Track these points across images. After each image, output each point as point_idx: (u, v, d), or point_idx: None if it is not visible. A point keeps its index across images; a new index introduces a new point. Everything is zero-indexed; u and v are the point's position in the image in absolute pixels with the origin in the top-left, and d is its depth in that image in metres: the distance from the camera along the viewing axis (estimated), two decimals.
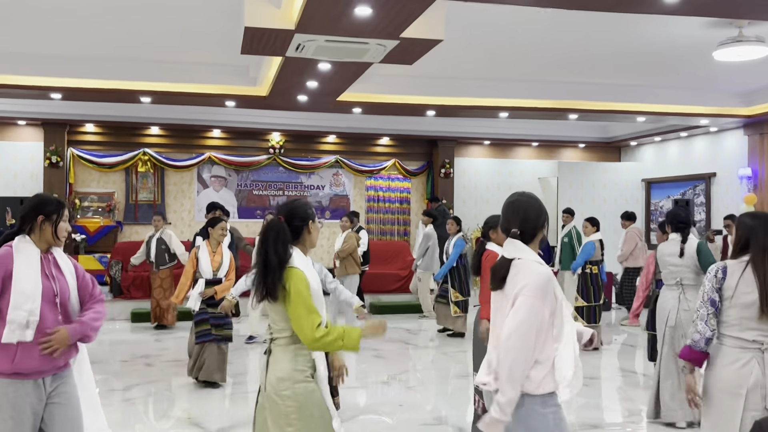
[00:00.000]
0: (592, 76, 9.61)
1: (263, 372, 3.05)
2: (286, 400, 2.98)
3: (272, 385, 2.99)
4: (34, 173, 12.36)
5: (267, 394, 3.01)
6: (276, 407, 2.99)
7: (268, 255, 2.99)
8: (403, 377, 7.39)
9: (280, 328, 3.03)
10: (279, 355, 3.03)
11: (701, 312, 3.31)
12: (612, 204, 14.00)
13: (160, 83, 9.05)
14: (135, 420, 5.68)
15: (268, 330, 3.10)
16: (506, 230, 2.85)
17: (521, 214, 2.84)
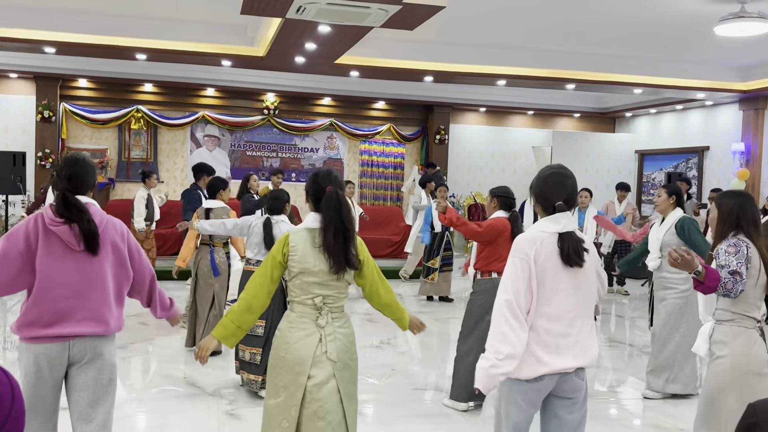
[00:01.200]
0: (592, 47, 9.58)
1: (323, 342, 3.05)
2: (356, 361, 3.20)
3: (347, 351, 3.12)
4: (25, 128, 12.23)
5: (339, 363, 3.07)
6: (349, 372, 3.13)
7: (345, 226, 3.06)
8: (393, 341, 7.49)
9: (342, 296, 3.15)
10: (343, 321, 3.16)
11: (740, 286, 3.20)
12: (605, 174, 14.09)
13: (156, 40, 8.93)
14: (132, 378, 5.75)
15: (313, 299, 3.07)
16: (548, 202, 2.86)
17: (569, 188, 2.87)
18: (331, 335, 3.05)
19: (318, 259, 3.04)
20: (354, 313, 8.79)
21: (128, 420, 4.83)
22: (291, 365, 3.02)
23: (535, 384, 2.77)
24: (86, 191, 3.11)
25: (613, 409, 5.49)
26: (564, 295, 2.78)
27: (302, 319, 3.06)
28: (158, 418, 4.91)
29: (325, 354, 3.02)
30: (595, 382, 6.11)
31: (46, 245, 2.93)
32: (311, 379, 3.01)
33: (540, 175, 2.94)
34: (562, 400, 2.84)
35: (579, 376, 2.84)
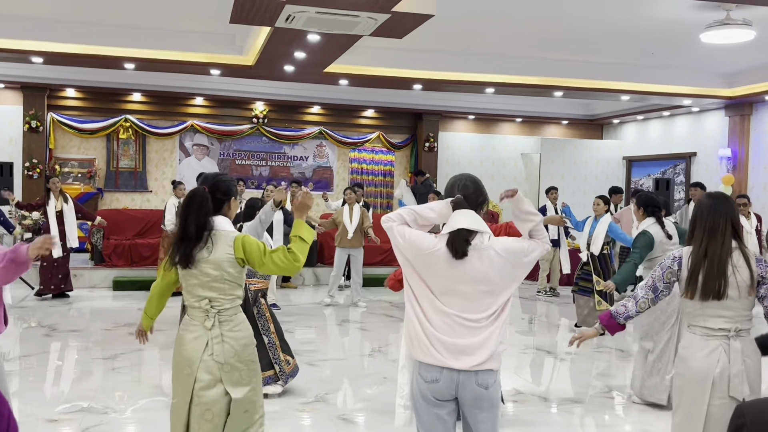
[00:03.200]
0: (579, 54, 9.66)
1: (209, 345, 3.08)
2: (250, 365, 3.18)
3: (236, 354, 3.11)
4: (13, 138, 12.16)
5: (227, 365, 3.09)
6: (239, 375, 3.12)
7: (187, 223, 3.08)
8: (385, 349, 7.48)
9: (233, 296, 3.15)
10: (233, 324, 3.15)
11: (639, 293, 3.27)
12: (593, 181, 14.16)
13: (145, 50, 8.92)
14: (121, 389, 5.71)
15: (199, 302, 3.12)
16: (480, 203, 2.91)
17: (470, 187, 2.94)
18: (218, 338, 3.09)
19: (202, 261, 3.10)
20: (346, 321, 8.78)
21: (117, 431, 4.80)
22: (182, 366, 3.13)
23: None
24: None
25: (606, 416, 5.50)
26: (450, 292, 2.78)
27: (192, 322, 3.15)
28: (148, 429, 4.87)
29: (212, 356, 3.07)
30: (588, 389, 6.13)
31: None
32: (198, 382, 3.08)
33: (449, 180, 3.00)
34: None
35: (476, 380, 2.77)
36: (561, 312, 9.73)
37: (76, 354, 6.89)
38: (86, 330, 7.79)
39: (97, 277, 10.49)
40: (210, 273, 3.08)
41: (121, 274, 10.51)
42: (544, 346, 7.74)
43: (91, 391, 5.63)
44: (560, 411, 5.52)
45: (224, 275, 3.09)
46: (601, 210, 8.05)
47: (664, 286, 3.23)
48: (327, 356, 7.09)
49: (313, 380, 5.99)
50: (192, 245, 3.06)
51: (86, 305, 9.32)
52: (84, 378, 6.11)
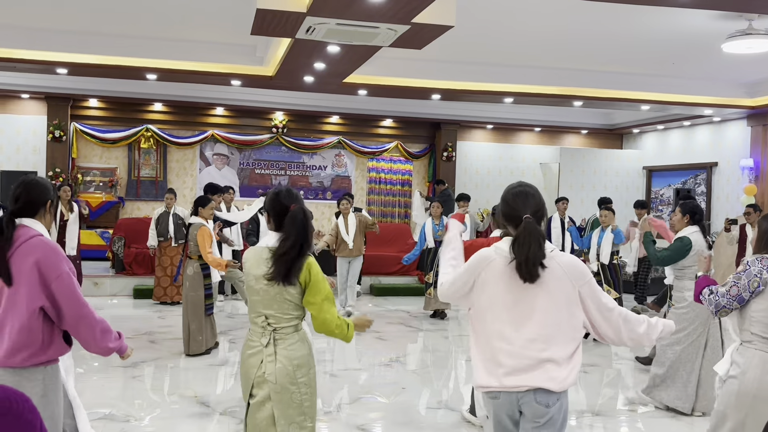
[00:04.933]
0: (599, 64, 9.63)
1: (263, 362, 3.06)
2: (302, 387, 3.08)
3: (288, 374, 3.04)
4: (36, 147, 12.34)
5: (278, 385, 3.04)
6: (289, 396, 3.06)
7: (297, 242, 3.02)
8: (403, 359, 7.47)
9: (291, 316, 3.09)
10: (289, 343, 3.08)
11: (722, 301, 3.30)
12: (613, 191, 14.07)
13: (166, 60, 9.03)
14: (141, 397, 5.76)
15: (258, 318, 3.12)
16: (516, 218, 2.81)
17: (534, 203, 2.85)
18: (271, 356, 3.06)
19: (260, 278, 3.06)
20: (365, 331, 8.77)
21: None
22: (242, 381, 3.19)
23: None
24: (35, 212, 3.00)
25: (625, 428, 5.45)
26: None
27: (251, 337, 3.16)
28: None
29: (264, 375, 3.07)
30: (607, 400, 6.08)
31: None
32: (253, 398, 3.11)
33: (505, 191, 2.91)
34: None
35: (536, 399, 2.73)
36: None
37: (96, 362, 6.96)
38: None
39: (117, 286, 10.59)
40: (269, 291, 3.05)
41: (141, 283, 10.60)
42: None
43: (112, 399, 5.68)
44: (579, 424, 5.48)
45: (285, 294, 3.05)
46: (608, 221, 8.21)
47: (749, 295, 3.26)
48: (345, 366, 7.10)
49: (331, 390, 6.00)
50: (294, 263, 3.04)
51: (107, 313, 9.41)
52: (105, 386, 6.16)
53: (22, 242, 2.86)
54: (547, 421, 2.68)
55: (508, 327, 2.69)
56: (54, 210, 3.12)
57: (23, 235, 2.90)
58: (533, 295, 2.69)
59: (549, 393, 2.67)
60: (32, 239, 2.88)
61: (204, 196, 7.35)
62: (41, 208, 3.02)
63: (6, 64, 9.06)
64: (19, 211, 2.96)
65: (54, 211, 3.12)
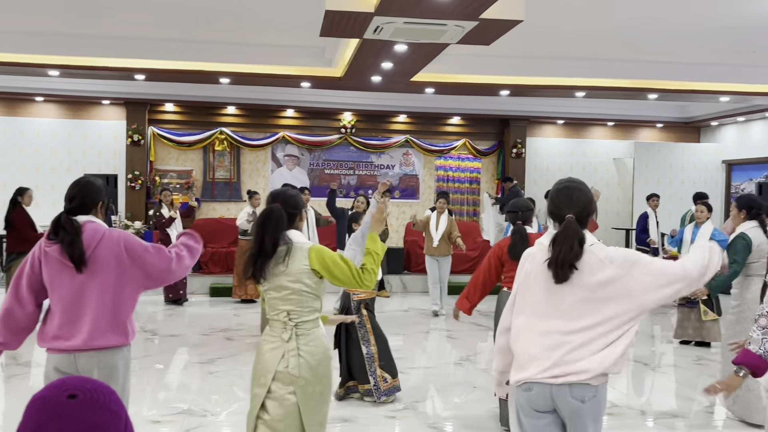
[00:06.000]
0: (673, 55, 9.31)
1: (285, 357, 3.10)
2: (323, 379, 3.16)
3: (311, 369, 3.11)
4: (117, 151, 12.85)
5: (302, 379, 3.09)
6: (312, 389, 3.11)
7: (264, 240, 3.13)
8: (474, 358, 7.43)
9: (310, 309, 3.16)
10: (312, 336, 3.16)
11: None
12: (690, 186, 13.58)
13: (239, 65, 9.26)
14: (217, 392, 5.92)
15: (278, 315, 3.16)
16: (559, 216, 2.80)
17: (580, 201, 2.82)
18: (294, 351, 3.09)
19: (276, 274, 3.14)
20: (433, 329, 8.78)
21: None
22: (257, 375, 3.17)
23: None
24: (87, 211, 3.23)
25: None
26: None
27: (271, 333, 3.18)
28: None
29: (287, 369, 3.08)
30: (688, 402, 5.89)
31: (47, 265, 3.14)
32: (271, 393, 3.10)
33: (552, 188, 2.89)
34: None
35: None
36: (654, 321, 9.38)
37: (175, 358, 7.20)
38: (185, 335, 8.13)
39: (195, 284, 10.93)
40: (288, 286, 3.10)
41: (217, 281, 10.91)
42: (640, 358, 7.48)
43: (190, 394, 5.86)
44: (657, 425, 5.32)
45: (302, 287, 3.11)
46: (704, 217, 7.77)
47: None
48: (415, 364, 7.11)
49: (403, 388, 6.02)
50: (265, 260, 3.12)
51: (185, 311, 9.73)
52: (183, 381, 6.38)
53: (103, 234, 3.15)
54: (583, 415, 2.66)
55: (546, 320, 2.71)
56: (105, 211, 3.30)
57: (99, 229, 3.17)
58: (568, 290, 2.68)
59: (585, 387, 2.65)
60: (111, 231, 3.19)
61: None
62: (93, 209, 3.25)
63: (89, 72, 9.49)
64: (73, 211, 3.19)
65: (105, 212, 3.29)
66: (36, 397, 1.27)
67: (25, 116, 12.63)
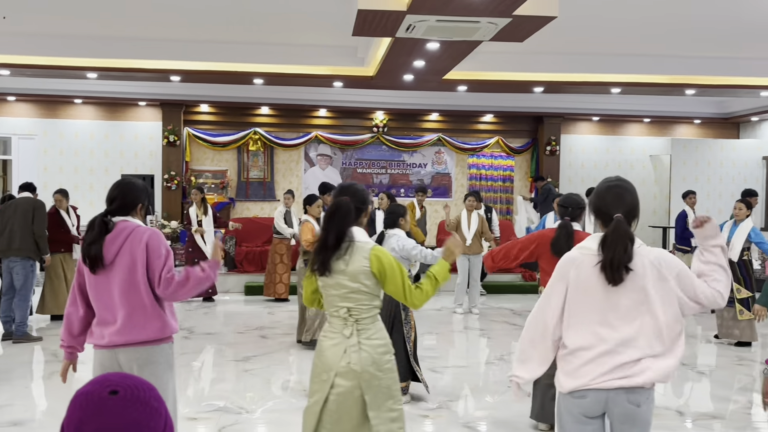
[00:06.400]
0: (712, 50, 9.11)
1: (347, 352, 3.09)
2: (388, 372, 3.14)
3: (373, 361, 3.09)
4: (153, 152, 13.05)
5: (363, 372, 3.07)
6: (377, 383, 3.10)
7: (329, 233, 3.12)
8: (508, 357, 7.37)
9: (369, 306, 3.14)
10: (373, 329, 3.14)
11: None
12: (729, 183, 13.32)
13: (272, 65, 9.33)
14: (252, 390, 5.97)
15: (338, 311, 3.13)
16: (606, 215, 2.74)
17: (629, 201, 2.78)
18: (356, 346, 3.07)
19: (335, 273, 3.11)
20: (467, 329, 8.75)
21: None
22: (319, 372, 3.15)
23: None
24: (127, 212, 3.28)
25: None
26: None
27: (332, 329, 3.16)
28: (279, 430, 5.07)
29: (349, 364, 3.06)
30: (729, 404, 5.77)
31: (83, 265, 3.25)
32: (335, 388, 3.08)
33: (597, 187, 2.84)
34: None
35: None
36: (698, 321, 9.20)
37: (211, 356, 7.29)
38: (220, 333, 8.22)
39: (230, 283, 11.04)
40: (347, 285, 3.09)
41: (252, 280, 11.01)
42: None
43: (226, 391, 5.93)
44: (696, 426, 5.23)
45: (361, 287, 3.09)
46: (742, 215, 7.62)
47: None
48: (449, 363, 7.09)
49: (436, 387, 6.00)
50: (330, 254, 3.10)
51: (220, 309, 9.84)
52: (219, 379, 6.45)
53: (131, 231, 3.21)
54: (637, 420, 2.65)
55: (599, 327, 2.64)
56: (145, 212, 3.35)
57: (128, 226, 3.23)
58: (622, 293, 2.63)
59: (641, 391, 2.63)
60: (139, 227, 3.24)
61: (311, 194, 7.51)
62: (133, 210, 3.31)
63: (126, 73, 9.65)
64: (113, 212, 3.26)
65: (145, 213, 3.35)
66: (79, 393, 1.30)
67: (65, 118, 12.90)
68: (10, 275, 7.53)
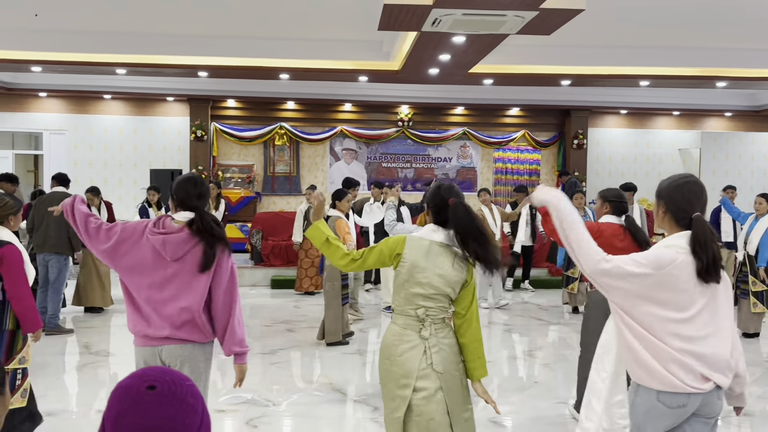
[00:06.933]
0: (743, 41, 8.96)
1: (427, 354, 3.01)
2: (462, 372, 3.11)
3: (453, 362, 3.04)
4: (181, 146, 13.19)
5: (446, 374, 3.01)
6: (455, 382, 3.05)
7: (482, 233, 3.02)
8: (535, 353, 7.34)
9: (444, 308, 3.06)
10: (446, 331, 3.08)
11: None
12: (760, 177, 13.11)
13: (298, 60, 9.37)
14: (278, 383, 6.03)
15: (418, 311, 3.03)
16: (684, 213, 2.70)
17: (704, 199, 2.75)
18: (436, 347, 3.00)
19: (429, 272, 2.99)
20: (492, 323, 8.72)
21: (272, 426, 5.07)
22: (397, 378, 3.01)
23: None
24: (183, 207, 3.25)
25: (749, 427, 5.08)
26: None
27: (406, 331, 3.03)
28: (305, 424, 5.11)
29: (431, 366, 2.98)
30: (756, 400, 5.69)
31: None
32: (418, 392, 2.97)
33: (672, 183, 2.77)
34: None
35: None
36: None
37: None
38: (247, 326, 8.26)
39: (256, 276, 11.13)
40: (440, 288, 3.01)
41: (278, 273, 11.08)
42: None
43: (253, 384, 5.98)
44: (723, 422, 5.16)
45: (450, 294, 3.04)
46: (763, 209, 7.59)
47: None
48: None
49: None
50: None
51: (247, 302, 9.92)
52: (247, 371, 6.50)
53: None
54: (718, 413, 2.71)
55: (693, 328, 2.59)
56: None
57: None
58: (712, 293, 2.64)
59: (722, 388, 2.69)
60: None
61: (340, 189, 7.48)
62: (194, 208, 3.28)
63: (154, 69, 9.76)
64: (192, 208, 3.24)
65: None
66: (119, 386, 1.32)
67: (94, 113, 13.10)
68: (45, 268, 7.68)
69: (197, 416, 1.31)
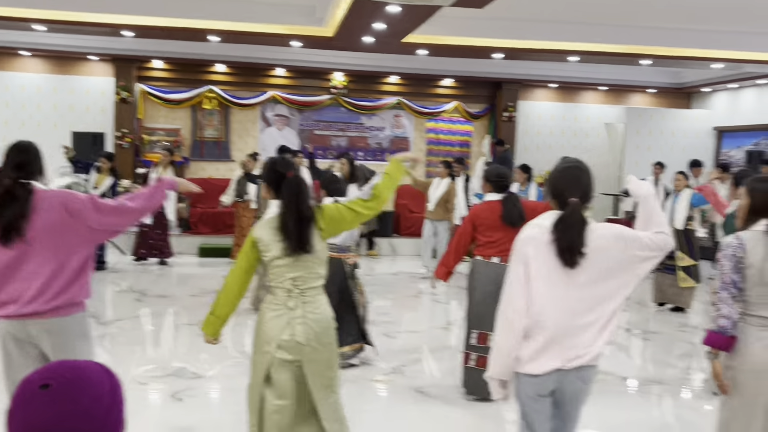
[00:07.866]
0: (668, 21, 9.21)
1: (290, 324, 3.08)
2: (328, 346, 3.17)
3: (315, 334, 3.10)
4: (104, 108, 12.68)
5: (308, 347, 3.08)
6: (319, 355, 3.12)
7: (303, 211, 3.08)
8: (461, 323, 7.50)
9: (315, 275, 3.14)
10: (317, 303, 3.15)
11: (722, 295, 3.01)
12: (680, 152, 13.60)
13: (228, 22, 9.09)
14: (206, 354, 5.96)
15: (285, 282, 3.11)
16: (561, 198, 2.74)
17: (584, 183, 2.78)
18: (300, 318, 3.08)
19: (279, 247, 3.09)
20: (422, 293, 8.84)
21: (198, 399, 5.02)
22: (260, 344, 3.14)
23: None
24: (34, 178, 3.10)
25: (685, 397, 5.37)
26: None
27: (275, 301, 3.15)
28: (233, 395, 5.08)
29: (293, 337, 3.06)
30: (669, 369, 5.99)
31: None
32: (275, 362, 3.09)
33: (555, 167, 2.84)
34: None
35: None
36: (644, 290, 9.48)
37: (164, 319, 7.23)
38: (174, 296, 8.15)
39: (183, 244, 10.92)
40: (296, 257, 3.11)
41: (206, 242, 10.90)
42: (624, 325, 7.59)
43: (179, 355, 5.91)
44: (640, 392, 5.43)
45: (303, 256, 3.12)
46: (681, 185, 7.99)
47: (738, 277, 3.00)
48: (402, 328, 7.18)
49: (389, 351, 6.08)
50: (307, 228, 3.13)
51: (174, 271, 9.73)
52: (172, 343, 6.41)
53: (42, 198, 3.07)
54: (584, 396, 2.75)
55: (553, 305, 2.64)
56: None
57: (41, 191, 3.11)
58: (580, 272, 2.64)
59: (590, 369, 2.71)
60: (45, 192, 3.09)
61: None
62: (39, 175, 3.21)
63: (75, 27, 9.29)
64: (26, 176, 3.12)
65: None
66: (23, 379, 1.26)
67: (11, 70, 12.41)
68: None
69: (94, 423, 1.22)
